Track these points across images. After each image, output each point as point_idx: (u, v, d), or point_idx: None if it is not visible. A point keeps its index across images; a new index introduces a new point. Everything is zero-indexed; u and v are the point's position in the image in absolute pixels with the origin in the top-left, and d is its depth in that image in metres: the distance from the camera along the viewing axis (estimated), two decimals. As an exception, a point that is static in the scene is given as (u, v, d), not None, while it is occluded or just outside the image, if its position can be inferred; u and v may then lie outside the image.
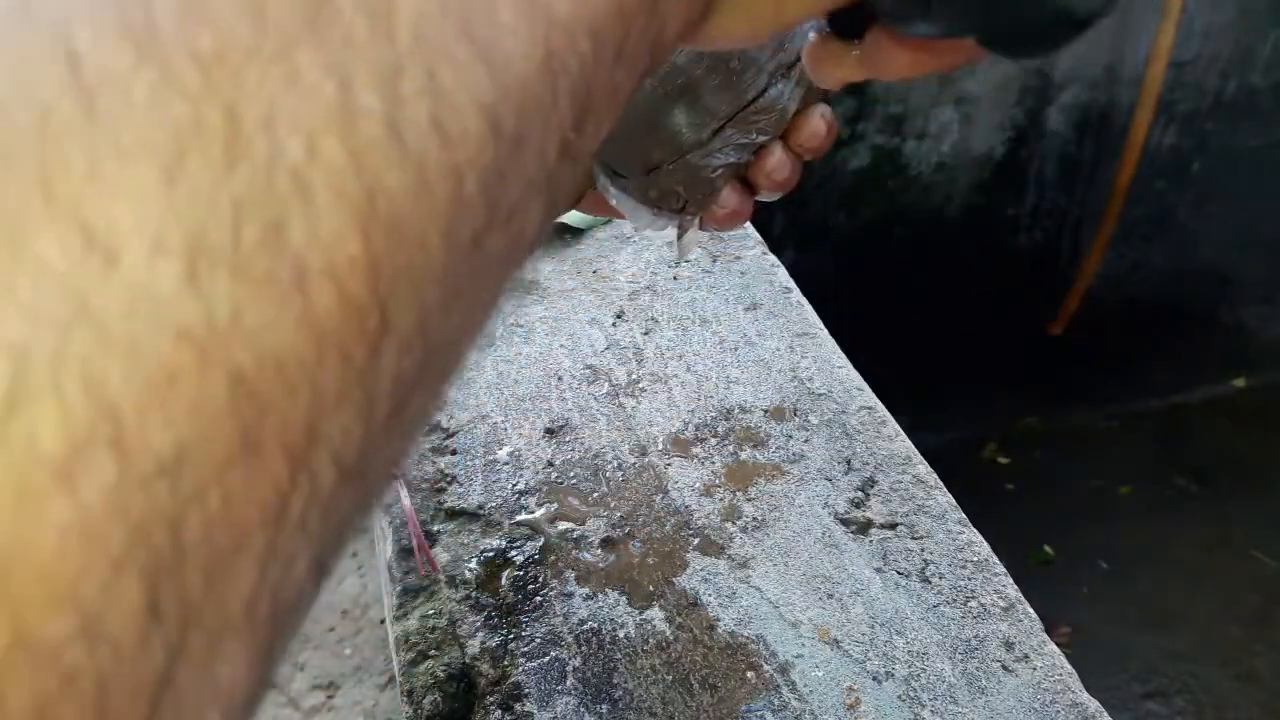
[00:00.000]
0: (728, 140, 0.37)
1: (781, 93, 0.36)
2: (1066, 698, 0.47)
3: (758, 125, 0.37)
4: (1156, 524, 1.87)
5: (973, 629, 0.50)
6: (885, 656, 0.49)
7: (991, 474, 2.00)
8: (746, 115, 0.37)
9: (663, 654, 0.50)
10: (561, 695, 0.48)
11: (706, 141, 0.37)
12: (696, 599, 0.52)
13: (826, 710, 0.47)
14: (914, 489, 0.58)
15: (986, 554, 0.54)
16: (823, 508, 0.57)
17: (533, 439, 0.62)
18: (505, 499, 0.58)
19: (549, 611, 0.52)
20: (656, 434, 0.62)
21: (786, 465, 0.59)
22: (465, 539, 0.56)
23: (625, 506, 0.57)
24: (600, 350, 0.68)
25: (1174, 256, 2.19)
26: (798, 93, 0.36)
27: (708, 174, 0.38)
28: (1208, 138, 2.07)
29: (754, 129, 0.37)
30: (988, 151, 1.99)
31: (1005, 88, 1.94)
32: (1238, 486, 1.92)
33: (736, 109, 0.36)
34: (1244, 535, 1.83)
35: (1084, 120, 2.02)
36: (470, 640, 0.51)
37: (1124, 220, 2.02)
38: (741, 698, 0.47)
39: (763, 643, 0.50)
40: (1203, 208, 2.15)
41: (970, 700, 0.47)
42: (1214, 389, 2.14)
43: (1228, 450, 2.00)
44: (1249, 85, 2.02)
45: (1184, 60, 1.94)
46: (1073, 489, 1.95)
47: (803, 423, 0.62)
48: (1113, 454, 2.02)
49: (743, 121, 0.37)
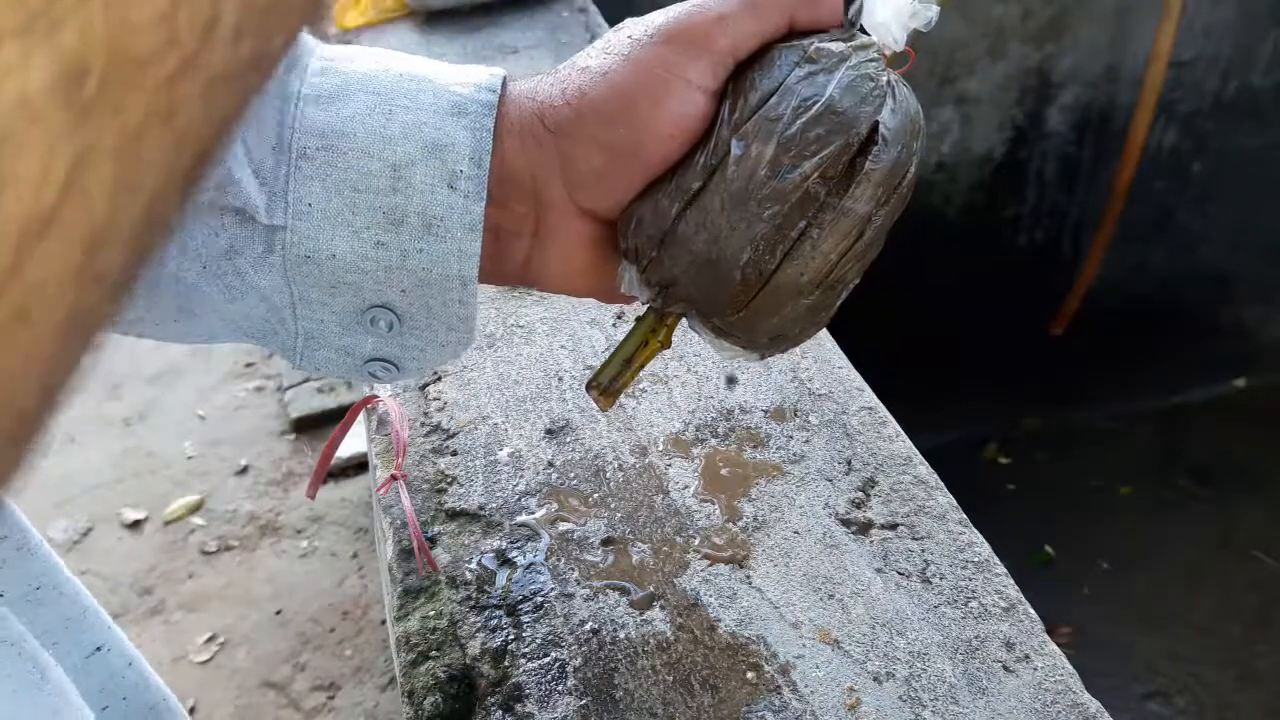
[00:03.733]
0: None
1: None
2: (1067, 698, 0.47)
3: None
4: (1157, 524, 1.87)
5: (973, 629, 0.50)
6: (886, 657, 0.49)
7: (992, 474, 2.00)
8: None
9: (663, 654, 0.50)
10: (562, 696, 0.48)
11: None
12: (697, 599, 0.52)
13: (827, 710, 0.47)
14: (915, 489, 0.58)
15: (987, 554, 0.54)
16: (823, 508, 0.57)
17: (533, 440, 0.62)
18: (506, 500, 0.58)
19: (549, 612, 0.52)
20: (657, 434, 0.62)
21: (787, 466, 0.59)
22: (466, 540, 0.56)
23: (626, 507, 0.57)
24: (601, 351, 0.68)
25: (1174, 257, 2.19)
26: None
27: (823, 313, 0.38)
28: (1208, 138, 2.07)
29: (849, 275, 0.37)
30: (988, 151, 1.99)
31: (1005, 88, 1.94)
32: (1238, 486, 1.92)
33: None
34: (1244, 535, 1.83)
35: (1084, 120, 2.02)
36: (471, 641, 0.51)
37: (1124, 220, 2.03)
38: (742, 698, 0.47)
39: (763, 643, 0.50)
40: (1203, 208, 2.15)
41: (971, 700, 0.47)
42: (1214, 389, 2.14)
43: (1228, 450, 2.00)
44: (1249, 85, 2.02)
45: (1184, 60, 1.94)
46: (1073, 489, 1.95)
47: (803, 423, 0.62)
48: (1113, 454, 2.02)
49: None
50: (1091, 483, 1.96)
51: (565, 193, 0.37)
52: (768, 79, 0.35)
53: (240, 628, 1.66)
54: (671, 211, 0.36)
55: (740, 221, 0.35)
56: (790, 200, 0.34)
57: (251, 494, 1.92)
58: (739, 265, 0.35)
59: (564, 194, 0.37)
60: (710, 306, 0.37)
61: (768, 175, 0.34)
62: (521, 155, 0.36)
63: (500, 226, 0.37)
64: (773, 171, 0.34)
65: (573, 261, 0.38)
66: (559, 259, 0.38)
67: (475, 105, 0.35)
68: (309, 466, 1.93)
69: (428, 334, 0.38)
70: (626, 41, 0.36)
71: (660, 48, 0.35)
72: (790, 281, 0.36)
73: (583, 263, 0.39)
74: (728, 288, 0.36)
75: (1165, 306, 2.20)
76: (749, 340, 0.38)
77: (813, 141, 0.34)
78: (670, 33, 0.35)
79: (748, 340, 0.38)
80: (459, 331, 0.38)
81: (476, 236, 0.35)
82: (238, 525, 1.85)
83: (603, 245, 0.38)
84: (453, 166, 0.35)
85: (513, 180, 0.36)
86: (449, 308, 0.37)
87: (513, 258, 0.38)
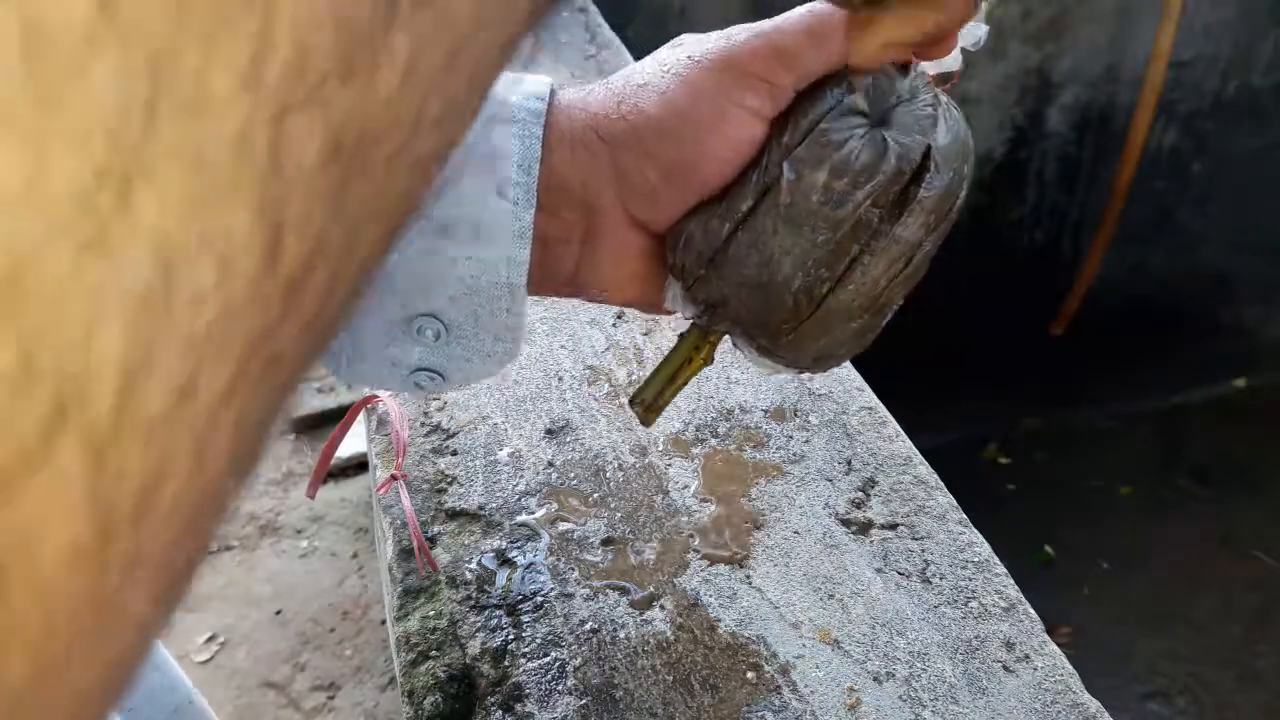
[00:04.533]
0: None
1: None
2: (1067, 698, 0.47)
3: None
4: (1157, 524, 1.87)
5: (973, 629, 0.50)
6: (886, 657, 0.49)
7: (992, 474, 2.00)
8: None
9: (663, 654, 0.50)
10: (562, 696, 0.48)
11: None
12: (697, 599, 0.52)
13: (827, 710, 0.47)
14: (914, 489, 0.58)
15: (987, 554, 0.54)
16: (823, 508, 0.57)
17: (533, 439, 0.62)
18: (506, 500, 0.58)
19: (549, 612, 0.52)
20: (657, 434, 0.62)
21: (787, 466, 0.59)
22: (466, 540, 0.56)
23: (626, 507, 0.57)
24: (600, 351, 0.68)
25: (1174, 257, 2.19)
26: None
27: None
28: (1208, 138, 2.07)
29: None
30: (988, 151, 1.99)
31: (1005, 88, 1.94)
32: (1238, 486, 1.92)
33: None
34: (1244, 535, 1.83)
35: (1084, 120, 2.02)
36: (471, 641, 0.51)
37: (1124, 220, 2.02)
38: (742, 698, 0.47)
39: (763, 643, 0.50)
40: (1203, 208, 2.15)
41: (971, 700, 0.47)
42: (1214, 389, 2.14)
43: (1228, 450, 2.00)
44: (1249, 85, 2.02)
45: (1184, 60, 1.94)
46: (1073, 489, 1.95)
47: (803, 423, 0.62)
48: (1113, 454, 2.02)
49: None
50: (1091, 483, 1.96)
51: (618, 202, 0.37)
52: (820, 102, 0.35)
53: (240, 628, 1.66)
54: (722, 232, 0.36)
55: (794, 246, 0.35)
56: (844, 228, 0.34)
57: (251, 494, 1.92)
58: (791, 289, 0.35)
59: (616, 203, 0.37)
60: (758, 328, 0.37)
61: (821, 201, 0.34)
62: (573, 164, 0.36)
63: (549, 235, 0.37)
64: (826, 197, 0.34)
65: (623, 269, 0.39)
66: (609, 266, 0.39)
67: (524, 113, 0.36)
68: (309, 466, 1.93)
69: (474, 343, 0.38)
70: (686, 62, 0.36)
71: (722, 75, 0.35)
72: (842, 306, 0.36)
73: (633, 271, 0.39)
74: (779, 311, 0.36)
75: (1165, 306, 2.20)
76: (793, 361, 0.39)
77: (865, 168, 0.34)
78: (733, 61, 0.35)
79: (792, 360, 0.39)
80: (506, 342, 0.38)
81: (526, 244, 0.36)
82: (237, 525, 1.85)
83: (652, 257, 0.39)
84: (502, 174, 0.35)
85: (563, 189, 0.36)
86: (497, 316, 0.37)
87: (562, 265, 0.39)
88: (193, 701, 0.49)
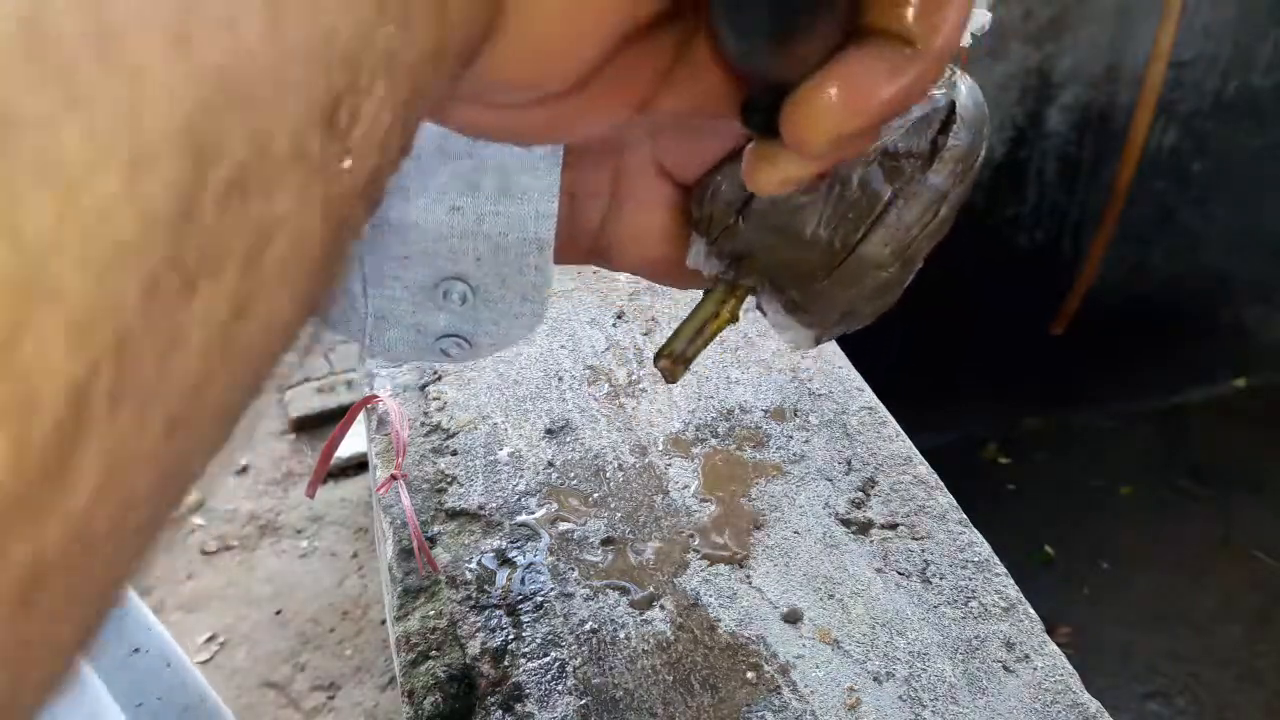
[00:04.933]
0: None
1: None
2: (1067, 698, 0.47)
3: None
4: (1157, 524, 1.87)
5: (973, 629, 0.50)
6: (886, 657, 0.49)
7: (992, 474, 2.00)
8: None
9: (663, 654, 0.50)
10: (562, 696, 0.48)
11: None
12: (697, 599, 0.52)
13: (827, 710, 0.47)
14: (914, 489, 0.58)
15: (987, 554, 0.54)
16: (823, 508, 0.57)
17: (533, 439, 0.62)
18: (506, 499, 0.58)
19: (549, 612, 0.52)
20: (657, 434, 0.62)
21: (787, 465, 0.59)
22: (466, 539, 0.56)
23: (626, 507, 0.57)
24: (600, 351, 0.68)
25: (1174, 257, 2.19)
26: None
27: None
28: (1208, 138, 2.07)
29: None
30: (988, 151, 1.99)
31: (1005, 88, 1.94)
32: (1238, 486, 1.92)
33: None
34: (1244, 535, 1.83)
35: (1084, 120, 2.02)
36: (471, 641, 0.51)
37: (1124, 220, 2.02)
38: (742, 698, 0.47)
39: (763, 643, 0.50)
40: (1203, 208, 2.15)
41: (971, 700, 0.47)
42: (1214, 389, 2.14)
43: (1228, 450, 2.00)
44: (1249, 85, 2.02)
45: (1184, 60, 1.94)
46: (1073, 489, 1.95)
47: (803, 423, 0.62)
48: (1113, 454, 2.02)
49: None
50: (1091, 483, 1.96)
51: (649, 152, 0.37)
52: None
53: (240, 627, 1.66)
54: None
55: (829, 190, 0.35)
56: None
57: (251, 494, 1.92)
58: (825, 234, 0.36)
59: (647, 153, 0.37)
60: (789, 277, 0.38)
61: None
62: None
63: (577, 190, 0.37)
64: None
65: (651, 223, 0.38)
66: (636, 221, 0.38)
67: None
68: (308, 466, 1.93)
69: (502, 306, 0.38)
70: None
71: None
72: (874, 252, 0.36)
73: (661, 226, 0.39)
74: (811, 257, 0.36)
75: (1165, 306, 2.20)
76: (821, 316, 0.39)
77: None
78: None
79: (819, 316, 0.39)
80: (533, 302, 0.38)
81: (553, 198, 0.35)
82: (237, 525, 1.85)
83: (677, 210, 0.38)
84: None
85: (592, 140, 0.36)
86: (524, 275, 0.37)
87: (588, 222, 0.38)
88: (205, 700, 0.49)
